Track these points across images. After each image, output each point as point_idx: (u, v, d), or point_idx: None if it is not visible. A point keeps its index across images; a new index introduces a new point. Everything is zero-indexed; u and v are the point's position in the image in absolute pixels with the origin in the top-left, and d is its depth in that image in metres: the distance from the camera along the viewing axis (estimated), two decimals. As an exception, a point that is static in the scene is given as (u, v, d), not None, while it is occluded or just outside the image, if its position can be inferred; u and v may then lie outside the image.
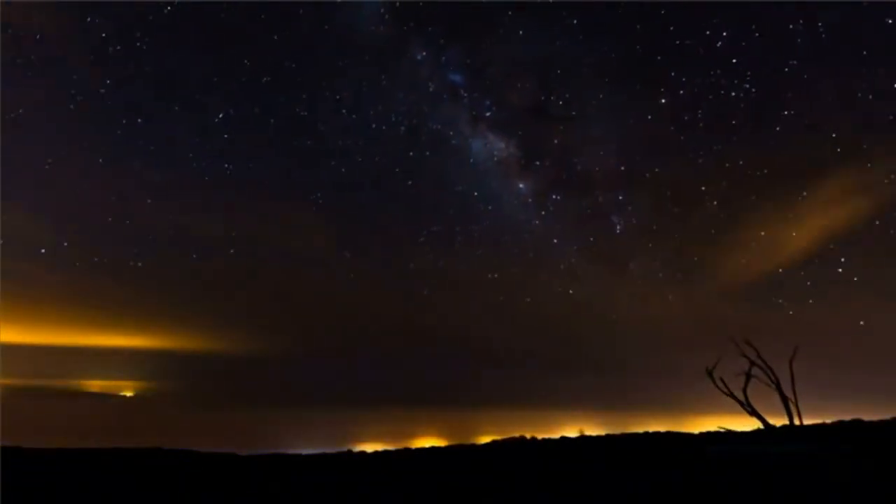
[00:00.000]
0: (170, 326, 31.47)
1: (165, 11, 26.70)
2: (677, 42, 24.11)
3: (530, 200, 30.65)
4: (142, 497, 8.08)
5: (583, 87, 27.88)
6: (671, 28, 24.09)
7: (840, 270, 22.67)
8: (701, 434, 14.96)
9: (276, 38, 28.67)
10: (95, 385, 30.17)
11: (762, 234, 24.80)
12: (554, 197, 30.55)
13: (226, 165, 29.83)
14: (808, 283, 23.78)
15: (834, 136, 22.63)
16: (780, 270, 24.94)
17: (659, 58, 25.16)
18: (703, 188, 26.31)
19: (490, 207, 30.84)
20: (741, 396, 12.59)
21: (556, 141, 29.96)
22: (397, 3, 28.84)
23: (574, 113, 28.89)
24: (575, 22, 26.94)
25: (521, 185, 31.01)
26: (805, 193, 24.36)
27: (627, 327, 29.50)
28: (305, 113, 30.44)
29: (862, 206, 22.78)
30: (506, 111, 30.40)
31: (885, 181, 21.95)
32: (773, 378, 12.46)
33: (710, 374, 12.88)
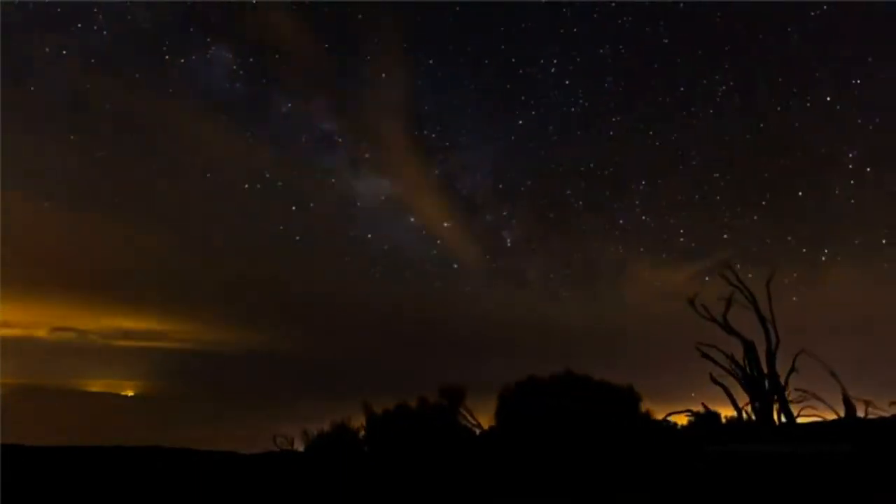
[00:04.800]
0: (170, 325, 31.47)
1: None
2: (520, 71, 28.94)
3: (424, 232, 31.49)
4: (142, 497, 8.10)
5: (451, 119, 32.06)
6: (513, 59, 28.95)
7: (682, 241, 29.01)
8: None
9: (107, 107, 27.42)
10: (95, 384, 30.10)
11: (621, 222, 29.69)
12: (445, 224, 31.53)
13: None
14: (664, 255, 29.70)
15: (651, 133, 28.61)
16: (641, 249, 29.93)
17: (508, 86, 29.25)
18: (568, 192, 30.34)
19: (386, 247, 31.30)
20: (721, 320, 13.26)
21: (437, 171, 31.91)
22: (251, 59, 28.58)
23: (448, 143, 31.30)
24: (431, 62, 29.50)
25: (412, 219, 31.66)
26: (644, 183, 29.21)
27: (542, 330, 31.65)
28: (165, 190, 29.57)
29: (682, 190, 28.72)
30: (384, 150, 31.56)
31: (694, 163, 28.55)
32: (750, 299, 13.09)
33: (691, 302, 13.57)
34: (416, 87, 30.99)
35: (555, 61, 28.34)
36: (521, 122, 29.59)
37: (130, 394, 29.66)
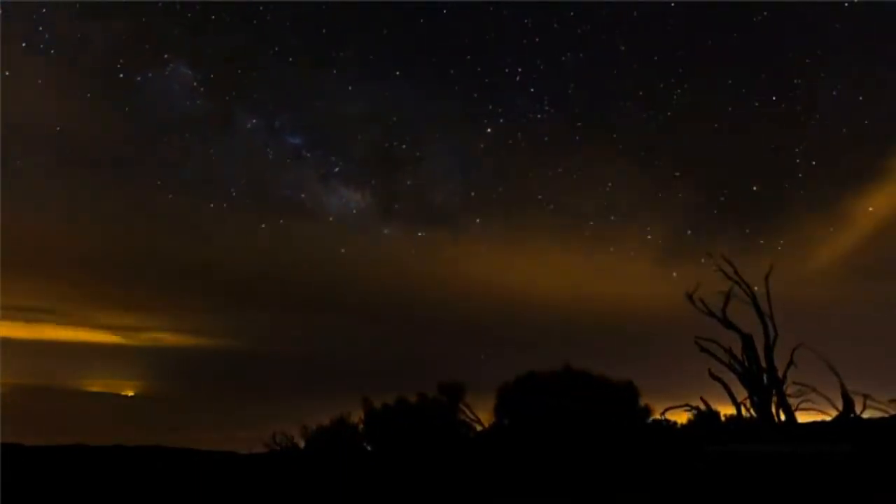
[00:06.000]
0: (170, 325, 31.56)
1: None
2: (486, 80, 29.36)
3: (397, 243, 31.42)
4: (142, 496, 8.10)
5: (420, 130, 32.04)
6: (478, 69, 29.37)
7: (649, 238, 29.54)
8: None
9: (58, 129, 26.69)
10: (95, 384, 30.15)
11: (591, 223, 30.12)
12: (420, 235, 31.41)
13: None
14: (634, 254, 29.83)
15: (614, 136, 29.55)
16: (612, 249, 30.16)
17: (475, 95, 29.70)
18: (539, 197, 30.66)
19: (361, 259, 31.20)
20: (720, 314, 13.26)
21: (408, 182, 31.72)
22: (212, 75, 28.19)
23: (418, 154, 31.09)
24: (398, 73, 29.78)
25: (385, 231, 31.48)
26: (610, 184, 29.63)
27: (541, 328, 32.26)
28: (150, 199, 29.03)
29: (647, 189, 29.63)
30: (354, 164, 31.36)
31: (656, 163, 29.19)
32: (749, 293, 13.10)
33: (689, 297, 13.53)
34: (383, 98, 30.94)
35: (518, 69, 28.80)
36: (489, 130, 29.95)
37: (130, 394, 29.70)
